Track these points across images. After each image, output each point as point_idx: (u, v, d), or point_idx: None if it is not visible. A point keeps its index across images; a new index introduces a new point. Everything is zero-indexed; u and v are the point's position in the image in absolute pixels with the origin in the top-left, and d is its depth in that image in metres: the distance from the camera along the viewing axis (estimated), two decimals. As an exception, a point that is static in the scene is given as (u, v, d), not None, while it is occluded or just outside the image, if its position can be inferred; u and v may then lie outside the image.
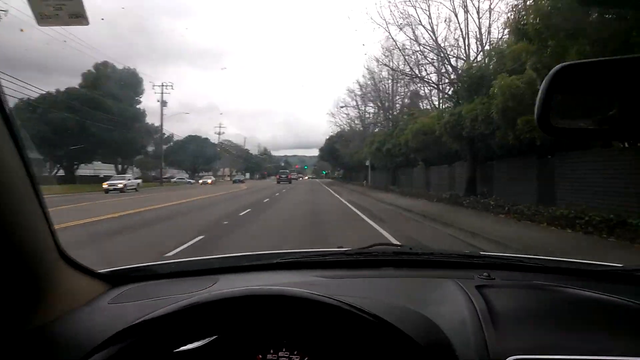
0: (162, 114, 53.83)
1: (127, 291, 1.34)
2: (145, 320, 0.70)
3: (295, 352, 0.99)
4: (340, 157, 57.33)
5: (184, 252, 7.49)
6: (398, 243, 4.31)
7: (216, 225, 11.87)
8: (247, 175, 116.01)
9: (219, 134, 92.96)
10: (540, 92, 0.78)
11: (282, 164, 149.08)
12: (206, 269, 1.58)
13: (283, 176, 67.85)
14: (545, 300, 1.24)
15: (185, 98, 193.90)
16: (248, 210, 16.49)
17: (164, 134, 56.16)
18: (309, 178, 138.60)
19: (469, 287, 1.22)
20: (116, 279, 1.41)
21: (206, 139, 78.45)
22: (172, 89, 64.09)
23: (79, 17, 1.35)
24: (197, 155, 72.90)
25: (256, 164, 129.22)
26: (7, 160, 0.87)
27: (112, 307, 1.21)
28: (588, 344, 0.91)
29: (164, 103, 50.94)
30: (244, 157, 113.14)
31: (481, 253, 1.78)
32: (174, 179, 59.86)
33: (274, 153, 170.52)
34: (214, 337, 0.94)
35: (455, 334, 0.94)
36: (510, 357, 0.86)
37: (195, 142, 72.90)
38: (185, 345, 0.79)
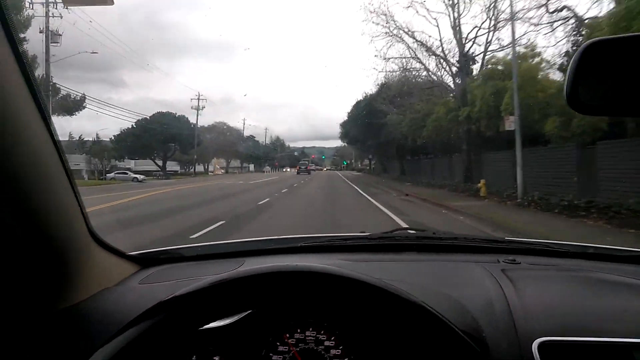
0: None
1: (156, 272, 1.41)
2: (175, 296, 0.73)
3: (322, 332, 1.02)
4: (380, 128, 34.89)
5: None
6: (420, 229, 2.27)
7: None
8: (251, 166, 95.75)
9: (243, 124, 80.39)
10: (569, 69, 0.79)
11: (296, 154, 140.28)
12: (233, 251, 1.67)
13: (302, 167, 72.94)
14: (572, 284, 1.25)
15: (202, 91, 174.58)
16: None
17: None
18: (326, 170, 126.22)
19: (495, 271, 1.24)
20: (146, 261, 1.49)
21: (182, 116, 59.36)
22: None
23: None
24: (166, 141, 55.14)
25: (264, 154, 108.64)
26: (44, 151, 0.93)
27: (143, 287, 1.27)
28: (615, 326, 0.92)
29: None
30: (247, 145, 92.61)
31: (506, 238, 1.87)
32: (111, 175, 44.45)
33: (292, 144, 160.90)
34: (243, 314, 0.99)
35: (483, 317, 0.97)
36: (538, 339, 0.88)
37: (165, 122, 52.37)
38: (214, 321, 0.81)
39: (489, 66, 17.84)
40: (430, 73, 24.61)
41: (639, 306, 1.04)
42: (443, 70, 24.19)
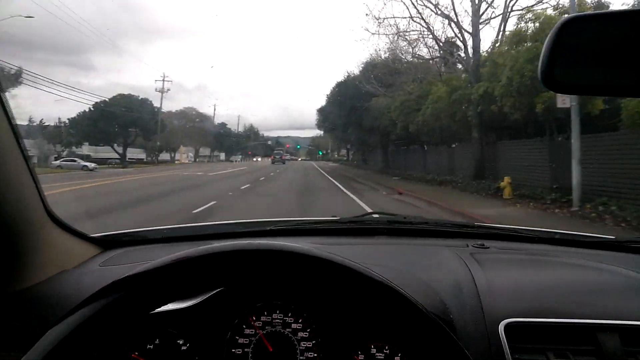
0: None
1: (118, 255, 1.38)
2: (131, 274, 0.69)
3: (290, 314, 1.01)
4: (363, 113, 30.51)
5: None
6: (391, 213, 2.28)
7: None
8: (222, 155, 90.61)
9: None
10: (544, 46, 0.77)
11: (269, 143, 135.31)
12: (200, 234, 1.64)
13: (277, 157, 72.70)
14: (540, 267, 1.28)
15: (176, 78, 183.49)
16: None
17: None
18: (301, 160, 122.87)
19: (464, 255, 1.26)
20: (108, 243, 1.45)
21: (145, 99, 52.72)
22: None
23: None
24: (126, 126, 48.58)
25: (237, 142, 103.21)
26: None
27: (103, 270, 1.24)
28: (579, 308, 0.94)
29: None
30: (218, 133, 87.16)
31: (476, 223, 1.84)
32: (57, 163, 39.10)
33: (267, 134, 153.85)
34: (206, 296, 0.96)
35: (450, 298, 0.98)
36: (504, 321, 0.89)
37: (126, 105, 46.63)
38: (174, 302, 0.78)
39: (521, 24, 13.39)
40: (435, 37, 19.60)
41: (602, 289, 1.09)
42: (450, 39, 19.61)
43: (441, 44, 19.97)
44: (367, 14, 24.65)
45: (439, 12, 18.50)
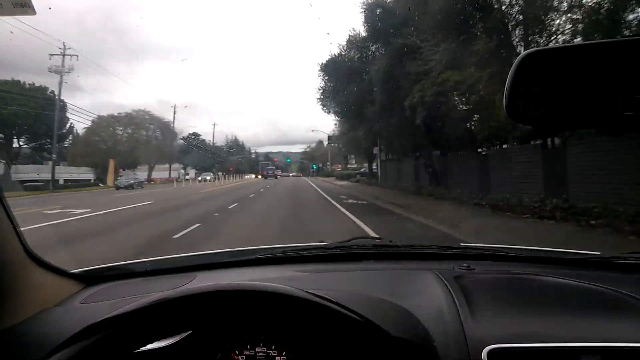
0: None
1: (100, 290, 1.35)
2: (109, 317, 0.68)
3: (273, 347, 1.01)
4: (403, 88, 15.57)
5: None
6: (378, 236, 3.04)
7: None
8: (188, 173, 69.98)
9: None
10: (508, 79, 0.78)
11: (253, 156, 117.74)
12: (184, 266, 1.59)
13: (270, 172, 79.07)
14: (524, 289, 1.28)
15: (162, 96, 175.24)
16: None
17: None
18: (292, 176, 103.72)
19: (447, 278, 1.25)
20: (90, 279, 1.42)
21: (42, 87, 33.27)
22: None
23: (24, 6, 1.37)
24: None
25: (212, 158, 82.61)
26: None
27: (84, 307, 1.22)
28: (566, 332, 0.93)
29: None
30: (183, 144, 67.06)
31: (461, 244, 1.81)
32: None
33: (258, 149, 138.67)
34: (186, 334, 0.96)
35: (433, 325, 0.97)
36: (487, 347, 0.88)
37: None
38: (155, 342, 0.79)
39: None
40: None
41: (585, 309, 1.08)
42: None
43: None
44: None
45: None
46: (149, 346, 0.83)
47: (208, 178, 64.39)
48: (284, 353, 1.00)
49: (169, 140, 69.39)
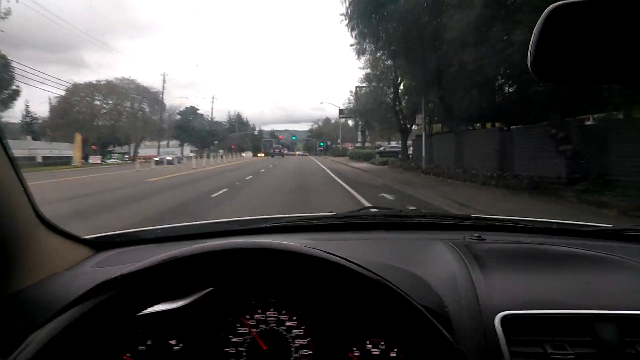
0: None
1: (111, 256, 1.35)
2: (122, 274, 0.67)
3: (284, 312, 1.00)
4: None
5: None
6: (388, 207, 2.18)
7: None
8: (180, 150, 61.98)
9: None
10: (533, 35, 0.75)
11: (256, 133, 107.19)
12: (194, 233, 1.58)
13: (276, 150, 75.01)
14: (537, 258, 1.27)
15: (169, 73, 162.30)
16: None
17: None
18: (298, 155, 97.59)
19: (459, 247, 1.24)
20: (101, 245, 1.42)
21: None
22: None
23: None
24: None
25: (209, 133, 74.53)
26: None
27: (95, 271, 1.22)
28: (578, 299, 0.93)
29: None
30: (177, 118, 58.99)
31: (472, 215, 1.79)
32: None
33: (264, 128, 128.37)
34: (197, 295, 0.96)
35: (446, 292, 0.97)
36: (500, 313, 0.88)
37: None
38: (166, 302, 0.77)
39: None
40: None
41: (598, 279, 1.06)
42: None
43: None
44: None
45: None
46: (161, 307, 0.87)
47: (169, 158, 40.71)
48: (294, 318, 0.99)
49: (158, 114, 61.08)
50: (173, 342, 0.96)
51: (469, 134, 18.75)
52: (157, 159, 38.46)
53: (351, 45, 19.05)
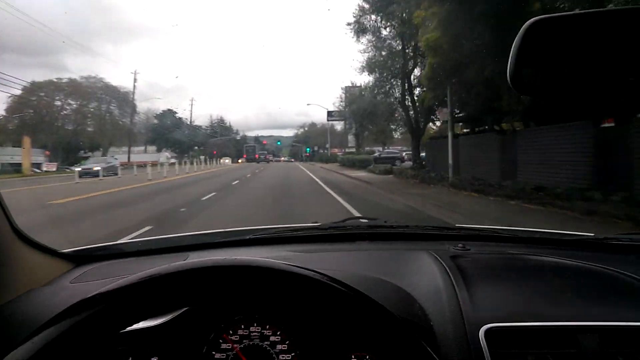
0: None
1: (90, 270, 1.32)
2: (100, 293, 0.66)
3: (268, 327, 0.99)
4: None
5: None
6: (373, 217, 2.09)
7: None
8: (163, 155, 56.95)
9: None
10: (512, 49, 0.76)
11: (239, 138, 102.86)
12: (176, 246, 1.54)
13: (262, 156, 74.77)
14: (521, 269, 1.26)
15: (152, 78, 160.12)
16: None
17: None
18: (283, 161, 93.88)
19: (443, 258, 1.23)
20: (80, 259, 1.39)
21: None
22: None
23: None
24: None
25: (188, 138, 69.30)
26: None
27: (74, 286, 1.20)
28: (562, 310, 0.93)
29: None
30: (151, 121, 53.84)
31: (456, 225, 1.81)
32: None
33: (248, 134, 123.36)
34: (178, 312, 0.95)
35: (430, 304, 0.97)
36: (485, 326, 0.87)
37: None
38: (147, 319, 0.75)
39: None
40: None
41: (581, 289, 1.06)
42: None
43: None
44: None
45: None
46: (141, 324, 0.85)
47: (97, 168, 27.53)
48: (278, 333, 0.98)
49: (128, 116, 55.37)
50: (154, 359, 0.95)
51: (530, 133, 13.88)
52: (79, 169, 26.65)
53: (348, 24, 14.33)
